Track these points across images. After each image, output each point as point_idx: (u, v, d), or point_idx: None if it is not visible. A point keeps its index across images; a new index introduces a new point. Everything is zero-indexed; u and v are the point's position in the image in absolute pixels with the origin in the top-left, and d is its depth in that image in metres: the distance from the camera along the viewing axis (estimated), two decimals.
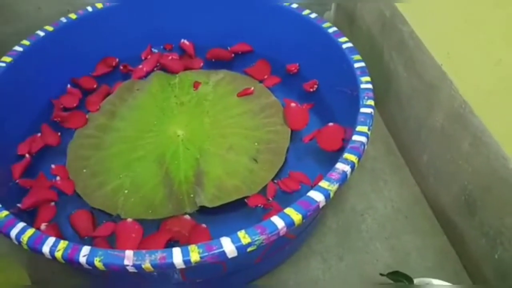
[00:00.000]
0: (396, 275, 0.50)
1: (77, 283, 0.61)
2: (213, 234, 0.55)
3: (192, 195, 0.62)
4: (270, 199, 0.61)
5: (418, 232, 0.64)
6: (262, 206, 0.60)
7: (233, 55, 0.82)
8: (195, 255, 0.43)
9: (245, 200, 0.61)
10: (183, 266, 0.43)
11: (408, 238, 0.63)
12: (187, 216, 0.59)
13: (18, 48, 0.70)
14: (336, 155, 0.61)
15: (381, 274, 0.51)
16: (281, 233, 0.45)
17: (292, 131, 0.69)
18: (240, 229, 0.44)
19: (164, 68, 0.81)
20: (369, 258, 0.61)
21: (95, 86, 0.78)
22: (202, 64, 0.81)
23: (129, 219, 0.59)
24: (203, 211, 0.60)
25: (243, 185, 0.62)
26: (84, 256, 0.44)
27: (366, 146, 0.53)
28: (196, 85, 0.77)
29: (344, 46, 0.66)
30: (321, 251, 0.62)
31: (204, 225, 0.57)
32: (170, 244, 0.56)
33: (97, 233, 0.57)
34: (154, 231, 0.58)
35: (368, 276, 0.59)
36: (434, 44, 0.59)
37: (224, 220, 0.60)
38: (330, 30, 0.68)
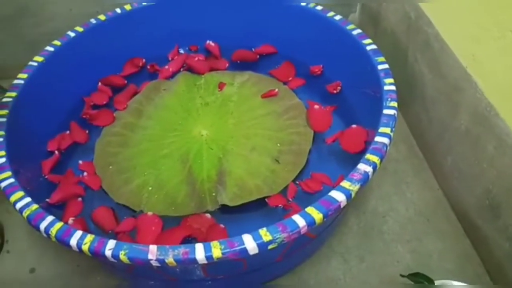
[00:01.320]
0: (417, 277, 0.50)
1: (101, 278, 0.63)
2: (231, 234, 0.56)
3: (214, 194, 0.63)
4: (290, 199, 0.61)
5: (440, 235, 0.63)
6: (282, 206, 0.60)
7: (258, 56, 0.82)
8: (217, 251, 0.44)
9: (266, 200, 0.61)
10: (205, 262, 0.44)
11: (429, 241, 0.63)
12: (208, 215, 0.60)
13: (49, 48, 0.72)
14: (358, 157, 0.61)
15: (402, 275, 0.51)
16: (302, 232, 0.46)
17: (315, 133, 0.69)
18: (259, 229, 0.45)
19: (191, 69, 0.82)
20: (390, 259, 0.61)
21: (124, 83, 0.80)
22: (227, 65, 0.82)
23: (150, 213, 0.60)
24: (223, 210, 0.61)
25: (264, 185, 0.63)
26: (109, 249, 0.45)
27: (388, 148, 0.53)
28: (221, 86, 0.78)
29: (368, 48, 0.66)
30: (342, 251, 0.63)
31: (222, 226, 0.58)
32: (188, 240, 0.57)
33: (120, 228, 0.59)
34: (174, 226, 0.59)
35: (389, 277, 0.59)
36: (459, 46, 0.59)
37: (244, 220, 0.61)
38: (355, 32, 0.69)
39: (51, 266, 0.64)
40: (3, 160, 0.57)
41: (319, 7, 0.75)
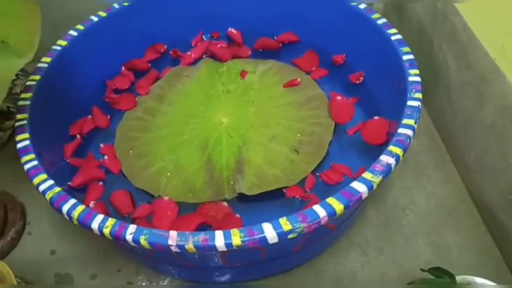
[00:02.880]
0: (438, 271, 0.49)
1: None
2: (247, 224, 0.55)
3: (232, 182, 0.63)
4: (308, 191, 0.61)
5: (461, 229, 0.62)
6: (299, 197, 0.60)
7: (280, 45, 0.82)
8: (236, 239, 0.44)
9: (284, 190, 0.61)
10: (225, 249, 0.44)
11: (450, 235, 0.62)
12: (225, 203, 0.61)
13: (73, 33, 0.72)
14: (380, 148, 0.60)
15: (422, 270, 0.51)
16: (322, 222, 0.45)
17: (336, 124, 0.68)
18: (279, 218, 0.45)
19: (213, 56, 0.82)
20: (409, 253, 0.61)
21: (148, 67, 0.80)
22: (249, 52, 0.82)
23: (166, 198, 0.61)
24: (240, 199, 0.61)
25: (282, 175, 0.63)
26: (130, 234, 0.46)
27: (412, 140, 0.52)
28: (243, 74, 0.78)
29: (393, 38, 0.64)
30: (360, 243, 0.62)
31: (238, 215, 0.58)
32: (203, 227, 0.57)
33: (136, 215, 0.60)
34: (190, 212, 0.60)
35: (408, 271, 0.59)
36: (488, 37, 0.58)
37: (261, 210, 0.60)
38: (379, 22, 0.67)
39: (72, 248, 0.65)
40: (27, 142, 0.57)
41: None
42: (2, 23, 0.53)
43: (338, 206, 0.46)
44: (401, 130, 0.53)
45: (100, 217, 0.48)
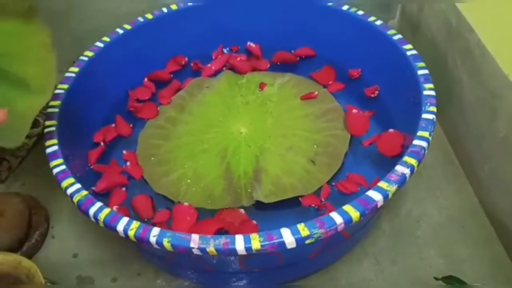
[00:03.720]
0: (451, 280, 0.50)
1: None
2: (263, 231, 0.57)
3: (249, 190, 0.65)
4: (323, 200, 0.62)
5: (474, 242, 0.64)
6: (315, 206, 0.62)
7: (297, 58, 0.84)
8: (256, 243, 0.46)
9: (300, 199, 0.63)
10: (244, 253, 0.46)
11: (463, 247, 0.63)
12: (242, 210, 0.62)
13: (99, 44, 0.75)
14: (394, 160, 0.61)
15: (436, 278, 0.52)
16: (339, 229, 0.47)
17: (351, 136, 0.70)
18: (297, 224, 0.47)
19: (233, 68, 0.84)
20: (422, 264, 0.62)
21: (170, 78, 0.83)
22: (268, 65, 0.84)
23: (186, 203, 0.63)
24: (257, 207, 0.63)
25: (299, 184, 0.64)
26: (154, 236, 0.48)
27: (426, 151, 0.54)
28: (262, 86, 0.80)
29: (409, 53, 0.66)
30: (374, 253, 0.64)
31: (254, 222, 0.60)
32: (220, 233, 0.59)
33: (156, 219, 0.62)
34: (208, 217, 0.62)
35: (421, 281, 0.60)
36: (501, 53, 0.59)
37: (277, 217, 0.62)
38: (395, 37, 0.69)
39: (93, 252, 0.68)
40: (56, 148, 0.60)
41: (360, 12, 0.76)
42: (23, 66, 0.57)
43: (354, 213, 0.47)
44: (416, 142, 0.54)
45: (125, 219, 0.50)
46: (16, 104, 0.54)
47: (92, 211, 0.52)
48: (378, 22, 0.73)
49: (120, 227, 0.49)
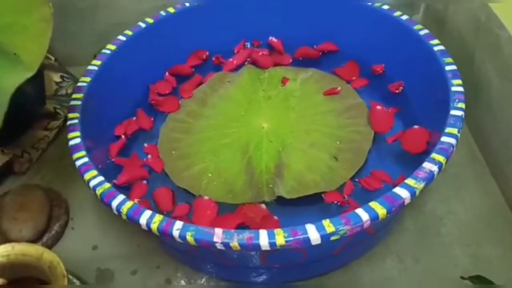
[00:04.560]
0: (479, 280, 0.49)
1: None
2: (284, 226, 0.56)
3: (271, 185, 0.64)
4: (346, 197, 0.61)
5: (500, 241, 0.62)
6: (338, 203, 0.61)
7: (320, 53, 0.83)
8: (280, 239, 0.45)
9: (322, 195, 0.62)
10: (268, 248, 0.45)
11: (489, 246, 0.62)
12: (263, 205, 0.62)
13: (121, 38, 0.75)
14: (419, 157, 0.61)
15: (462, 277, 0.51)
16: (365, 226, 0.46)
17: (375, 133, 0.69)
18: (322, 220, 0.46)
19: (255, 63, 0.84)
20: (447, 262, 0.61)
21: (191, 72, 0.83)
22: (290, 60, 0.83)
23: (206, 197, 0.62)
24: (279, 202, 0.62)
25: (321, 180, 0.63)
26: (177, 230, 0.47)
27: (454, 149, 0.53)
28: (284, 81, 0.80)
29: (436, 48, 0.65)
30: (397, 251, 0.62)
31: (276, 217, 0.59)
32: (241, 227, 0.58)
33: (175, 213, 0.62)
34: (229, 212, 0.61)
35: (446, 280, 0.59)
36: None
37: (298, 214, 0.61)
38: (422, 32, 0.68)
39: (113, 244, 0.67)
40: (78, 140, 0.60)
41: (385, 7, 0.74)
42: (19, 38, 0.54)
43: (381, 210, 0.46)
44: (444, 139, 0.53)
45: (148, 212, 0.50)
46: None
47: (115, 203, 0.52)
48: (404, 17, 0.72)
49: (143, 220, 0.49)
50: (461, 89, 0.59)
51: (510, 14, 0.63)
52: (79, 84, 0.68)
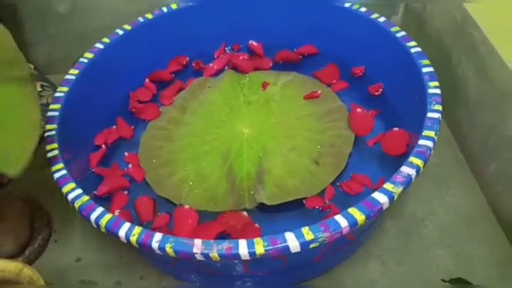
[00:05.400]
0: (459, 282, 0.49)
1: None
2: (265, 234, 0.56)
3: (252, 192, 0.64)
4: (327, 201, 0.61)
5: (481, 241, 0.63)
6: (319, 208, 0.61)
7: (300, 57, 0.83)
8: (259, 248, 0.45)
9: (303, 201, 0.62)
10: (248, 258, 0.45)
11: (471, 247, 0.62)
12: (244, 212, 0.61)
13: (99, 45, 0.74)
14: (399, 160, 0.61)
15: (443, 280, 0.51)
16: (344, 232, 0.46)
17: (356, 136, 0.69)
18: (292, 230, 0.46)
19: (235, 68, 0.83)
20: (429, 264, 0.61)
21: (171, 78, 0.83)
22: (271, 64, 0.83)
23: (187, 206, 0.62)
24: (260, 209, 0.62)
25: (302, 185, 0.63)
26: (156, 241, 0.47)
27: (432, 151, 0.53)
28: (264, 85, 0.79)
29: (413, 50, 0.65)
30: (379, 254, 0.63)
31: (257, 225, 0.59)
32: (222, 236, 0.58)
33: (155, 224, 0.61)
34: (210, 220, 0.61)
35: (428, 282, 0.59)
36: (508, 50, 0.58)
37: (279, 220, 0.61)
38: (399, 35, 0.68)
39: (96, 256, 0.67)
40: (56, 152, 0.59)
41: (363, 9, 0.75)
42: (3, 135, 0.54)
43: (359, 216, 0.47)
44: (421, 142, 0.53)
45: (127, 225, 0.49)
46: None
47: (93, 216, 0.51)
48: (382, 19, 0.72)
49: (122, 233, 0.49)
50: (438, 91, 0.59)
51: (484, 15, 0.64)
52: (57, 94, 0.67)
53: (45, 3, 0.89)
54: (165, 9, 0.80)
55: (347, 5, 0.76)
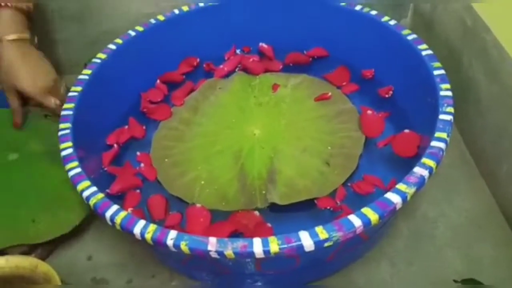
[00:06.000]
0: (471, 283, 0.49)
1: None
2: (277, 233, 0.56)
3: (264, 192, 0.64)
4: (339, 202, 0.62)
5: (492, 243, 0.63)
6: (331, 208, 0.61)
7: (310, 59, 0.84)
8: (274, 246, 0.45)
9: (315, 201, 0.62)
10: (262, 256, 0.46)
11: (481, 248, 0.62)
12: (256, 212, 0.62)
13: (111, 46, 0.75)
14: (410, 161, 0.62)
15: (455, 281, 0.51)
16: (358, 232, 0.47)
17: (366, 138, 0.69)
18: (305, 230, 0.46)
19: (246, 69, 0.84)
20: (440, 265, 0.61)
21: (182, 79, 0.83)
22: (281, 66, 0.84)
23: (198, 205, 0.62)
24: (272, 209, 0.63)
25: (313, 186, 0.64)
26: (171, 239, 0.47)
27: (444, 153, 0.53)
28: (275, 87, 0.80)
29: (424, 53, 0.66)
30: (391, 255, 0.63)
31: (269, 225, 0.60)
32: (235, 235, 0.58)
33: (167, 222, 0.62)
34: (222, 220, 0.61)
35: (439, 282, 0.59)
36: None
37: (291, 220, 0.62)
38: (410, 37, 0.69)
39: (107, 254, 0.68)
40: (71, 150, 0.60)
41: (373, 12, 0.75)
42: None
43: (373, 216, 0.47)
44: (434, 143, 0.54)
45: (142, 222, 0.50)
46: None
47: (108, 214, 0.52)
48: (392, 22, 0.73)
49: (137, 230, 0.49)
50: (449, 93, 0.59)
51: (495, 17, 0.64)
52: (70, 93, 0.68)
53: (55, 5, 0.90)
54: (176, 11, 0.81)
55: (357, 8, 0.77)
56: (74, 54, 0.95)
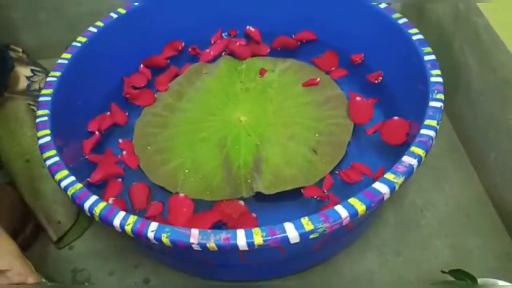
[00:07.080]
0: (459, 273, 0.49)
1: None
2: (262, 223, 0.55)
3: (249, 181, 0.63)
4: (326, 191, 0.60)
5: (480, 232, 0.62)
6: (318, 198, 0.60)
7: (298, 43, 0.81)
8: (258, 238, 0.44)
9: (301, 190, 0.61)
10: (246, 248, 0.44)
11: (469, 237, 0.62)
12: (241, 202, 0.60)
13: (92, 29, 0.72)
14: (399, 149, 0.60)
15: (443, 272, 0.51)
16: (344, 223, 0.45)
17: (355, 125, 0.68)
18: (291, 220, 0.45)
19: (232, 54, 0.82)
20: (427, 255, 0.61)
21: (166, 64, 0.81)
22: (268, 51, 0.82)
23: (182, 194, 0.61)
24: (257, 198, 0.61)
25: (300, 175, 0.62)
26: (152, 231, 0.46)
27: (433, 141, 0.52)
28: (262, 72, 0.78)
29: (414, 38, 0.64)
30: (378, 244, 0.62)
31: (254, 215, 0.58)
32: (218, 225, 0.57)
33: (149, 212, 0.60)
34: (206, 209, 0.60)
35: (426, 273, 0.59)
36: None
37: (277, 209, 0.60)
38: (400, 21, 0.67)
39: (89, 244, 0.66)
40: (48, 138, 0.58)
41: None
42: None
43: (360, 206, 0.46)
44: (423, 131, 0.52)
45: (122, 214, 0.48)
46: None
47: (87, 205, 0.50)
48: (382, 5, 0.71)
49: (116, 222, 0.48)
50: (440, 79, 0.58)
51: (488, 1, 0.62)
52: (49, 79, 0.65)
53: None
54: None
55: None
56: (52, 36, 0.92)
